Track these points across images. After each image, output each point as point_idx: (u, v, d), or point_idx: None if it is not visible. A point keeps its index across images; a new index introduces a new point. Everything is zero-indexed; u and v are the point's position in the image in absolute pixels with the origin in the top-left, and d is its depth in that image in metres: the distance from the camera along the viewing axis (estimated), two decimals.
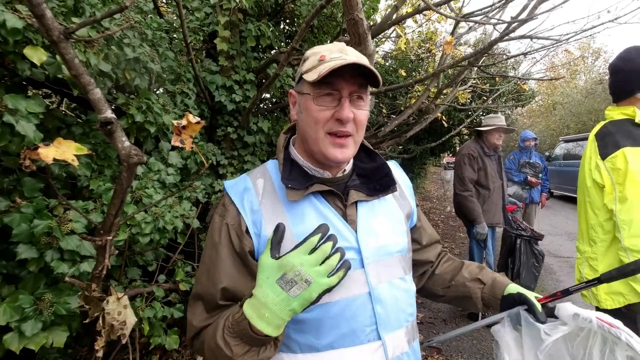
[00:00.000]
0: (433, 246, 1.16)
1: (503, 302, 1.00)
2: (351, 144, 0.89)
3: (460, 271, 1.11)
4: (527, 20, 2.33)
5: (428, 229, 1.16)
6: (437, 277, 1.14)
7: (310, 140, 0.89)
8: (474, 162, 3.70)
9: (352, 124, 0.87)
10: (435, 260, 1.18)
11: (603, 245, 1.79)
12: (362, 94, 0.88)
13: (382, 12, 5.25)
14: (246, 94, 2.86)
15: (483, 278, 1.06)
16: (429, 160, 13.75)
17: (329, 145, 0.87)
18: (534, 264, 3.58)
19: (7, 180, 1.54)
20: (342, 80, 0.84)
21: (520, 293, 0.97)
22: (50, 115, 1.76)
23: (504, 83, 6.58)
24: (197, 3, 2.88)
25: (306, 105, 0.88)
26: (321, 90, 0.85)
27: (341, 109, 0.84)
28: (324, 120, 0.86)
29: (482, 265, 1.12)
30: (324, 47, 0.89)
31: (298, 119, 0.93)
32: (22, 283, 1.49)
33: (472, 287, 1.06)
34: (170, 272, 2.26)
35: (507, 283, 1.03)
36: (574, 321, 0.85)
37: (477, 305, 1.06)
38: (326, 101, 0.85)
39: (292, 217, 0.88)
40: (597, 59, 25.59)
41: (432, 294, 1.16)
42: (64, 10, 1.53)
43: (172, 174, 2.07)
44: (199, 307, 0.89)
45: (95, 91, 0.76)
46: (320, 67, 0.82)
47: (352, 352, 0.84)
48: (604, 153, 1.76)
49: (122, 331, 1.27)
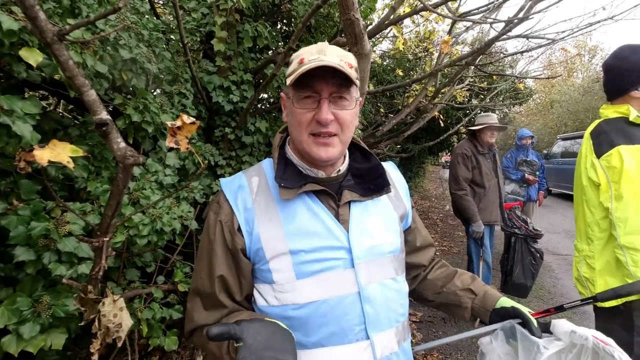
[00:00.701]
0: (426, 249, 1.17)
1: (493, 315, 1.01)
2: (337, 142, 0.89)
3: (452, 279, 1.11)
4: (523, 20, 2.34)
5: (422, 231, 1.17)
6: (428, 282, 1.15)
7: (297, 142, 0.91)
8: (468, 161, 3.72)
9: (336, 123, 0.87)
10: (428, 265, 1.18)
11: (600, 243, 1.80)
12: (344, 94, 0.88)
13: (379, 12, 5.25)
14: (243, 95, 2.85)
15: (475, 289, 1.07)
16: (427, 159, 13.76)
17: (312, 145, 0.88)
18: (531, 262, 3.54)
19: (4, 182, 1.53)
20: (321, 81, 0.84)
21: (514, 307, 0.97)
22: (47, 117, 1.76)
23: (501, 81, 6.60)
24: (194, 4, 2.87)
25: (291, 108, 0.89)
26: (301, 93, 0.86)
27: (320, 111, 0.85)
28: (306, 122, 0.87)
29: (474, 275, 1.13)
30: (306, 49, 0.90)
31: (287, 120, 0.94)
32: (20, 285, 1.49)
33: (462, 296, 1.07)
34: (169, 273, 2.26)
35: (499, 296, 1.04)
36: (570, 338, 0.87)
37: (465, 315, 1.07)
38: (307, 103, 0.86)
39: (285, 215, 0.89)
40: (594, 57, 25.68)
41: (421, 297, 1.18)
42: (59, 11, 1.53)
43: (170, 174, 2.06)
44: (198, 302, 0.91)
45: (89, 92, 0.76)
46: (299, 69, 0.83)
47: (340, 351, 0.85)
48: (599, 151, 1.77)
49: (118, 334, 1.26)
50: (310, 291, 0.85)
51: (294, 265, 0.85)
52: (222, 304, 0.89)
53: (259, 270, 0.89)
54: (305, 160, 0.94)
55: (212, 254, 0.89)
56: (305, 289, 0.85)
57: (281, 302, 0.86)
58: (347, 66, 0.84)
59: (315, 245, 0.87)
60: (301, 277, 0.85)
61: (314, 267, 0.86)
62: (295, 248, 0.86)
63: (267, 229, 0.87)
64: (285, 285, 0.86)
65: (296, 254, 0.86)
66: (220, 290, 0.89)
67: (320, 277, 0.86)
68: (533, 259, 3.56)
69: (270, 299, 0.88)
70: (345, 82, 0.86)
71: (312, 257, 0.86)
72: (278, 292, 0.86)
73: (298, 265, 0.86)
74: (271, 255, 0.86)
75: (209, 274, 0.89)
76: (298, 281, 0.85)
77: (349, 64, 0.85)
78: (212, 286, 0.89)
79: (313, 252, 0.86)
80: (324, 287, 0.86)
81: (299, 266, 0.86)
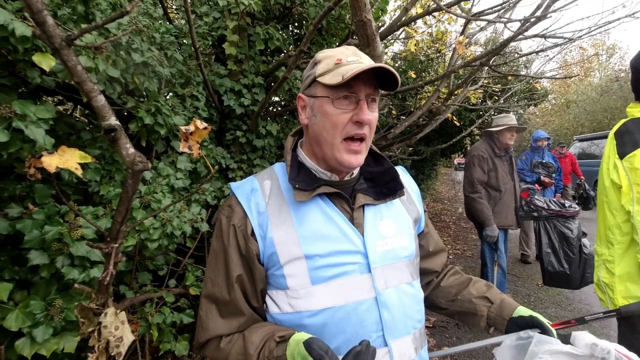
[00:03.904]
0: (439, 254, 1.15)
1: (511, 324, 0.96)
2: (364, 149, 0.89)
3: (467, 287, 1.08)
4: (540, 19, 2.27)
5: (435, 236, 1.15)
6: (442, 289, 1.12)
7: (326, 145, 0.88)
8: (484, 164, 3.64)
9: (367, 126, 0.87)
10: (441, 271, 1.16)
11: (620, 247, 1.73)
12: (376, 97, 0.88)
13: (391, 13, 5.22)
14: (255, 98, 2.86)
15: (491, 297, 1.03)
16: (439, 162, 13.63)
17: (343, 152, 0.87)
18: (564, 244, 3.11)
19: (19, 187, 1.55)
20: (360, 83, 0.84)
21: (532, 316, 0.93)
22: (61, 121, 1.78)
23: (516, 82, 6.48)
24: (206, 8, 2.89)
25: (323, 108, 0.87)
26: (340, 93, 0.84)
27: (361, 112, 0.84)
28: (342, 123, 0.85)
29: (490, 283, 1.09)
30: (337, 50, 0.89)
31: (310, 122, 0.91)
32: (34, 289, 1.51)
33: (478, 304, 1.03)
34: (180, 277, 2.26)
35: (516, 305, 1.00)
36: (591, 350, 0.84)
37: (481, 324, 1.03)
38: (344, 104, 0.85)
39: (298, 219, 0.87)
40: (612, 56, 25.06)
41: (434, 305, 1.14)
42: (74, 17, 1.55)
43: (182, 178, 2.07)
44: (213, 309, 0.89)
45: (98, 98, 0.75)
46: (339, 70, 0.83)
47: None
48: (622, 152, 1.70)
49: (118, 349, 1.21)
50: (325, 297, 0.83)
51: (309, 270, 0.83)
52: (240, 310, 0.87)
53: (273, 276, 0.87)
54: (321, 163, 0.92)
55: (228, 258, 0.88)
56: (321, 295, 0.83)
57: (295, 309, 0.84)
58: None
59: (331, 249, 0.84)
60: (316, 283, 0.83)
61: (329, 272, 0.83)
62: (310, 252, 0.84)
63: (280, 233, 0.85)
64: (300, 291, 0.83)
65: (311, 258, 0.84)
66: (238, 296, 0.87)
67: (335, 283, 0.83)
68: (566, 242, 3.16)
69: (283, 305, 0.85)
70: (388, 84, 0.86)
71: (327, 262, 0.84)
72: (292, 298, 0.84)
73: (313, 270, 0.83)
74: (285, 260, 0.84)
75: (226, 278, 0.87)
76: (313, 287, 0.83)
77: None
78: (230, 291, 0.87)
79: (328, 257, 0.84)
80: (340, 292, 0.83)
81: (314, 271, 0.83)
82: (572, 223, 3.24)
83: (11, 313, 1.37)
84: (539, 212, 3.35)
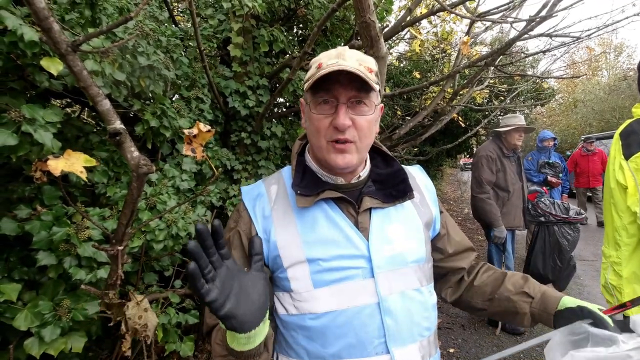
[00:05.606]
0: (463, 254, 1.07)
1: (558, 318, 0.86)
2: (353, 149, 0.86)
3: (502, 283, 1.00)
4: (546, 18, 2.26)
5: (456, 236, 1.08)
6: (476, 289, 1.04)
7: (317, 149, 0.89)
8: (492, 164, 3.61)
9: (353, 130, 0.84)
10: (470, 269, 1.09)
11: (627, 249, 1.70)
12: (363, 99, 0.84)
13: (395, 14, 5.21)
14: (259, 99, 2.87)
15: (530, 291, 0.94)
16: (445, 162, 13.56)
17: (330, 152, 0.86)
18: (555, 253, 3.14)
19: (28, 189, 1.58)
20: (339, 86, 0.82)
21: (581, 306, 0.83)
22: (69, 124, 1.81)
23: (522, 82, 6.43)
24: (211, 11, 2.91)
25: (309, 114, 0.87)
26: (318, 98, 0.84)
27: (337, 117, 0.82)
28: (324, 128, 0.84)
29: (526, 275, 1.00)
30: (325, 53, 0.88)
31: (305, 127, 0.93)
32: (43, 289, 1.53)
33: (517, 301, 0.95)
34: (185, 278, 2.28)
35: (560, 296, 0.90)
36: None
37: (525, 322, 0.94)
38: (324, 109, 0.84)
39: (302, 223, 0.87)
40: (620, 55, 24.76)
41: (470, 306, 1.07)
42: (81, 21, 1.57)
43: (187, 179, 2.09)
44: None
45: (103, 102, 0.76)
46: (317, 74, 0.81)
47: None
48: (627, 153, 1.68)
49: (146, 332, 1.32)
50: (327, 301, 0.83)
51: (311, 273, 0.84)
52: None
53: (278, 279, 0.88)
54: (323, 167, 0.92)
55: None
56: (323, 299, 0.83)
57: (299, 311, 0.85)
58: (366, 70, 0.81)
59: (333, 253, 0.84)
60: (318, 286, 0.84)
61: (331, 276, 0.84)
62: (312, 256, 0.84)
63: (284, 237, 0.86)
64: (303, 294, 0.84)
65: (313, 262, 0.84)
66: None
67: (338, 287, 0.83)
68: (558, 252, 3.16)
69: (289, 307, 0.87)
70: (364, 86, 0.83)
71: (329, 266, 0.84)
72: (296, 300, 0.85)
73: (315, 274, 0.84)
74: (289, 264, 0.85)
75: None
76: (315, 290, 0.83)
77: (368, 69, 0.83)
78: None
79: (331, 261, 0.84)
80: (342, 296, 0.83)
81: (316, 275, 0.84)
82: (573, 231, 3.29)
83: (20, 313, 1.39)
84: (545, 217, 3.36)
